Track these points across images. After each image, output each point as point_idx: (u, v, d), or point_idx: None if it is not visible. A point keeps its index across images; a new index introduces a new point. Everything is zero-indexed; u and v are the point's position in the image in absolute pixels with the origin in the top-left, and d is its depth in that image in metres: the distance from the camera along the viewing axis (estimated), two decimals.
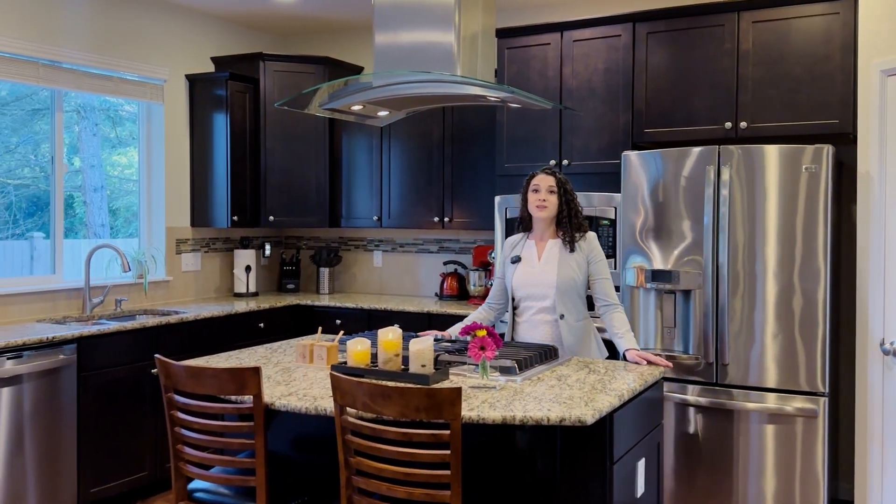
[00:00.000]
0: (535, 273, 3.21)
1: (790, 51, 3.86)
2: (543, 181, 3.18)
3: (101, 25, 4.70)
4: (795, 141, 3.73)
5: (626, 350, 3.08)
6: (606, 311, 3.19)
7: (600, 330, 3.34)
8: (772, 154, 3.64)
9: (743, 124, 3.95)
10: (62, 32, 4.47)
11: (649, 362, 2.98)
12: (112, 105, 5.05)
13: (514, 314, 3.30)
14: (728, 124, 3.98)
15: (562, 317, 3.16)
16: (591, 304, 3.29)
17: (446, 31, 3.13)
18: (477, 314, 3.44)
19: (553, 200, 3.18)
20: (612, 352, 3.30)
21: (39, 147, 4.58)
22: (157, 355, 2.52)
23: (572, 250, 3.18)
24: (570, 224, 3.19)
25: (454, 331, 3.32)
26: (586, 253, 3.20)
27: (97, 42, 4.67)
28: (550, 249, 3.22)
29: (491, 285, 3.80)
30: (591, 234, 3.24)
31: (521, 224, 3.32)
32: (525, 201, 3.24)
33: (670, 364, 3.03)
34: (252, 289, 5.49)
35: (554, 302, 3.17)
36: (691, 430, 3.81)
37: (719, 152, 3.74)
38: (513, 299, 3.29)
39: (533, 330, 3.22)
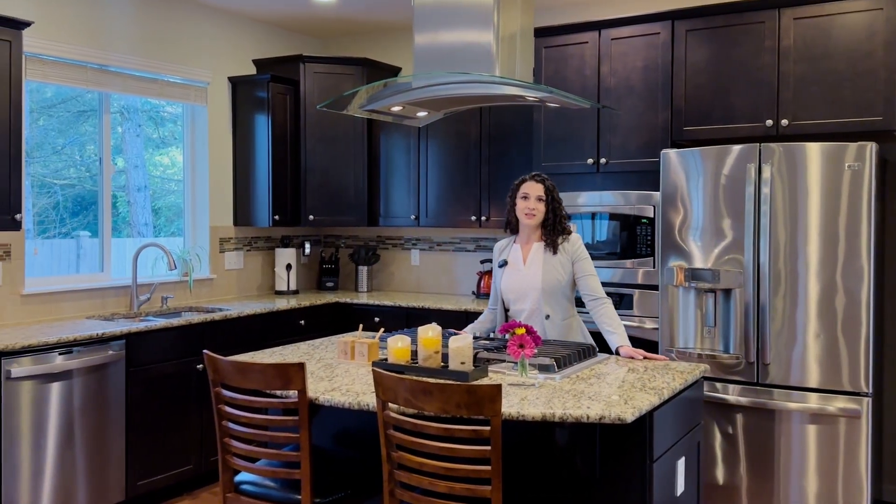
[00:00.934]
0: (521, 276, 3.31)
1: (833, 47, 3.82)
2: (533, 189, 3.27)
3: (147, 30, 4.81)
4: (838, 138, 3.68)
5: (619, 347, 3.14)
6: (594, 305, 3.26)
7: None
8: (814, 152, 3.60)
9: (784, 122, 3.91)
10: (110, 37, 4.59)
11: (645, 358, 3.04)
12: (154, 106, 5.17)
13: (506, 315, 3.41)
14: (769, 122, 3.94)
15: (547, 317, 3.26)
16: (579, 303, 3.36)
17: (485, 32, 3.15)
18: (483, 318, 3.54)
19: (541, 208, 3.27)
20: (602, 346, 3.28)
21: (84, 148, 4.71)
22: (205, 351, 2.60)
23: (555, 253, 3.26)
24: (554, 229, 3.28)
25: (469, 328, 3.46)
26: (570, 253, 3.27)
27: (143, 46, 4.78)
28: (535, 252, 3.31)
29: None
30: (575, 236, 3.33)
31: (507, 227, 3.41)
32: (513, 206, 3.33)
33: (667, 359, 3.06)
34: (293, 287, 5.58)
35: (539, 303, 3.25)
36: (732, 429, 3.79)
37: (760, 150, 3.71)
38: (503, 301, 3.39)
39: None
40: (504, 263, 3.38)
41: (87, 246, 4.71)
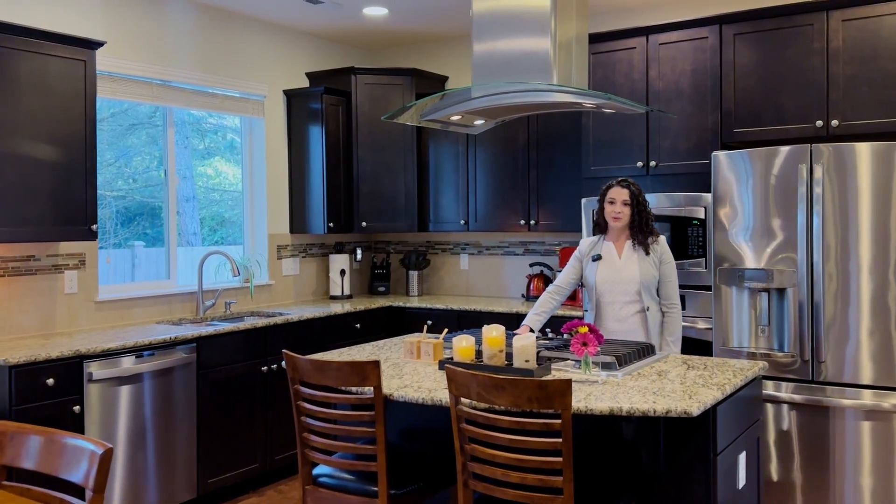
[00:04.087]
0: (618, 270, 3.51)
1: (882, 48, 3.85)
2: (618, 194, 3.50)
3: (207, 46, 5.01)
4: (888, 138, 3.72)
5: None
6: (665, 311, 3.52)
7: None
8: (864, 152, 3.64)
9: (834, 122, 3.95)
10: (172, 54, 4.79)
11: None
12: (197, 119, 5.34)
13: (598, 308, 3.55)
14: (819, 123, 3.99)
15: (647, 309, 3.46)
16: None
17: (542, 39, 3.23)
18: (545, 298, 3.66)
19: (627, 212, 3.49)
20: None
21: (132, 160, 4.90)
22: (284, 350, 2.74)
23: (647, 253, 3.48)
24: (641, 230, 3.50)
25: (530, 321, 3.62)
26: (659, 255, 3.51)
27: (203, 62, 4.98)
28: (628, 249, 3.53)
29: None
30: (662, 238, 3.55)
31: (597, 228, 3.63)
32: (602, 210, 3.57)
33: None
34: (346, 291, 5.73)
35: (639, 295, 3.46)
36: (787, 427, 3.84)
37: (811, 151, 3.76)
38: (597, 294, 3.55)
39: (620, 322, 3.51)
40: (598, 258, 3.56)
41: (141, 255, 4.89)
